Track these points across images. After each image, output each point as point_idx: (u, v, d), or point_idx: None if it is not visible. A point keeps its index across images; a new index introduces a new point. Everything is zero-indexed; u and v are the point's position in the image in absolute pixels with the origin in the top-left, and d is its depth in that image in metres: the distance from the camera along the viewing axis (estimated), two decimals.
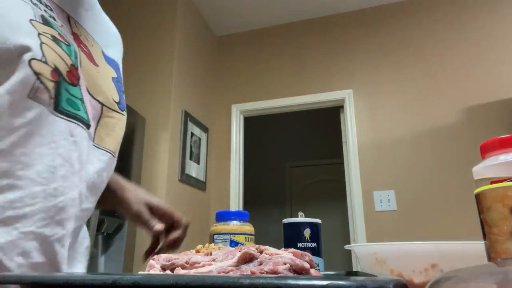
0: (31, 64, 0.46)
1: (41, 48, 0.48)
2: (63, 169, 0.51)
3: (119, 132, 0.64)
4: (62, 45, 0.52)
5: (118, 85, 0.67)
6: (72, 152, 0.52)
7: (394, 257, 0.44)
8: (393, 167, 2.67)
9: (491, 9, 2.76)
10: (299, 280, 0.22)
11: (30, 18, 0.49)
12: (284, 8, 3.13)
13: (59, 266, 0.51)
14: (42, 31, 0.49)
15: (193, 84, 2.91)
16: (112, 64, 0.68)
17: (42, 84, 0.48)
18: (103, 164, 0.60)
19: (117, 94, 0.64)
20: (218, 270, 0.34)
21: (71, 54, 0.53)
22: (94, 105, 0.57)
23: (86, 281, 0.26)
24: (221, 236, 0.68)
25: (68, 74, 0.52)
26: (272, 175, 4.71)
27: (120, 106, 0.64)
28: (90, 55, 0.60)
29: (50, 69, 0.49)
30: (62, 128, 0.51)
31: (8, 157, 0.45)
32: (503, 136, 0.36)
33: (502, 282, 0.21)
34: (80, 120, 0.54)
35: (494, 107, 2.56)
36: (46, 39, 0.49)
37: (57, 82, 0.50)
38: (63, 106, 0.51)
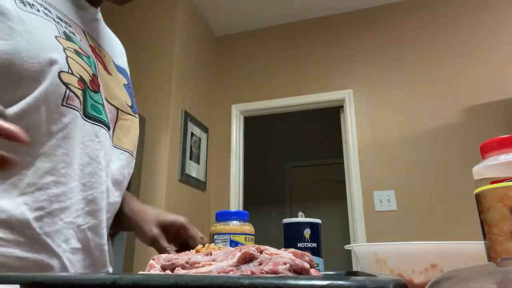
0: (60, 76, 0.53)
1: (67, 61, 0.55)
2: (90, 167, 0.58)
3: (134, 133, 0.71)
4: (83, 58, 0.59)
5: (129, 90, 0.74)
6: (98, 151, 0.60)
7: (394, 257, 0.44)
8: (393, 167, 2.67)
9: (491, 9, 2.76)
10: (299, 280, 0.22)
11: (55, 35, 0.55)
12: (284, 8, 3.13)
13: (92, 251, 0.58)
14: (66, 46, 0.56)
15: (193, 84, 2.91)
16: (122, 72, 0.76)
17: (72, 93, 0.55)
18: (122, 162, 0.67)
19: (129, 99, 0.72)
20: (218, 270, 0.34)
21: (91, 65, 0.61)
22: (110, 109, 0.65)
23: (86, 281, 0.26)
24: (221, 236, 0.68)
25: (90, 82, 0.59)
26: (272, 175, 4.71)
27: (133, 110, 0.72)
28: (104, 65, 0.68)
29: (76, 79, 0.56)
30: (89, 130, 0.58)
31: (51, 157, 0.52)
32: (503, 136, 0.36)
33: (502, 282, 0.21)
34: (102, 123, 0.61)
35: (494, 107, 2.56)
36: (70, 53, 0.56)
37: (83, 90, 0.57)
38: (88, 111, 0.58)
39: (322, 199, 4.33)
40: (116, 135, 0.66)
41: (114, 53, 0.77)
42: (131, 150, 0.70)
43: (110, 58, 0.73)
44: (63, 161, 0.53)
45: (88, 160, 0.58)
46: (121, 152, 0.67)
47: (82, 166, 0.57)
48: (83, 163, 0.57)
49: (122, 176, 0.67)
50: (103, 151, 0.60)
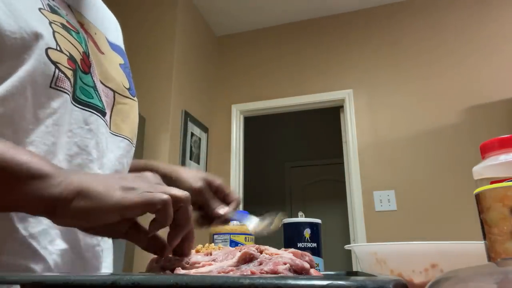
0: (48, 53, 0.46)
1: (54, 36, 0.47)
2: (79, 158, 0.51)
3: (133, 118, 0.64)
4: (72, 33, 0.52)
5: (127, 71, 0.66)
6: (89, 140, 0.53)
7: (394, 257, 0.44)
8: (393, 167, 2.67)
9: (491, 10, 2.76)
10: (299, 280, 0.22)
11: (39, 7, 0.48)
12: (284, 8, 3.13)
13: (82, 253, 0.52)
14: (52, 19, 0.49)
15: (193, 84, 2.91)
16: (117, 50, 0.67)
17: (62, 73, 0.48)
18: (122, 151, 0.61)
19: (127, 80, 0.64)
20: (218, 270, 0.34)
21: (82, 41, 0.53)
22: (106, 92, 0.58)
23: (85, 281, 0.26)
24: (221, 236, 0.68)
25: (81, 62, 0.52)
26: (272, 175, 4.71)
27: (131, 92, 0.64)
28: (95, 43, 0.60)
29: (66, 57, 0.49)
30: (77, 116, 0.51)
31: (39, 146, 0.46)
32: (503, 136, 0.36)
33: (502, 282, 0.21)
34: (94, 108, 0.54)
35: (494, 107, 2.56)
36: (57, 28, 0.49)
37: (73, 70, 0.50)
38: (77, 95, 0.51)
39: (322, 199, 4.32)
40: (113, 121, 0.59)
41: (107, 29, 0.68)
42: (131, 137, 0.64)
43: (103, 35, 0.65)
44: (51, 152, 0.47)
45: (77, 150, 0.51)
46: (120, 139, 0.61)
47: (69, 157, 0.50)
48: (71, 154, 0.50)
49: (122, 166, 0.61)
50: (94, 140, 0.54)
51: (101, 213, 0.37)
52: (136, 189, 0.38)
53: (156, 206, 0.36)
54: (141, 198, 0.37)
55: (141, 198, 0.37)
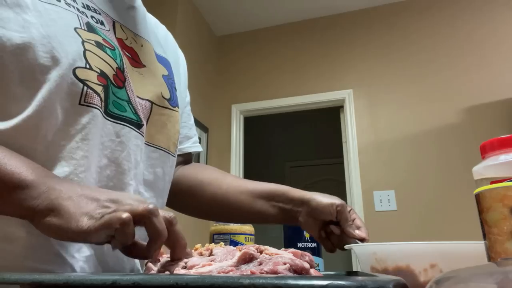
0: (75, 72, 0.48)
1: (85, 55, 0.50)
2: (108, 169, 0.53)
3: (171, 128, 0.65)
4: (107, 50, 0.53)
5: (169, 81, 0.67)
6: (119, 152, 0.54)
7: (394, 257, 0.44)
8: (393, 167, 2.67)
9: (492, 10, 2.76)
10: (299, 280, 0.22)
11: (75, 27, 0.51)
12: (284, 8, 3.13)
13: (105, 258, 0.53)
14: (86, 38, 0.51)
15: (193, 84, 2.91)
16: (163, 62, 0.69)
17: (91, 90, 0.50)
18: (153, 161, 0.61)
19: (167, 91, 0.65)
20: (218, 270, 0.34)
21: (116, 57, 0.55)
22: (143, 104, 0.59)
23: (86, 281, 0.26)
24: (221, 236, 0.68)
25: (114, 77, 0.53)
26: (272, 175, 4.70)
27: (171, 103, 0.65)
28: (135, 58, 0.61)
29: (96, 74, 0.50)
30: (109, 130, 0.53)
31: (70, 161, 0.48)
32: (503, 136, 0.36)
33: (502, 282, 0.21)
34: (126, 121, 0.55)
35: (494, 107, 2.56)
36: (90, 46, 0.51)
37: (104, 86, 0.52)
38: (110, 109, 0.53)
39: None
40: (148, 131, 0.60)
41: (156, 42, 0.70)
42: (167, 147, 0.64)
43: (151, 47, 0.67)
44: (82, 165, 0.49)
45: (107, 162, 0.53)
46: (153, 149, 0.62)
47: (99, 169, 0.52)
48: (101, 165, 0.52)
49: (153, 176, 0.62)
50: (126, 151, 0.55)
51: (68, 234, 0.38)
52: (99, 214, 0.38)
53: (113, 226, 0.37)
54: (99, 222, 0.37)
55: (100, 223, 0.37)
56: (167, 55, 0.73)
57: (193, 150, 0.81)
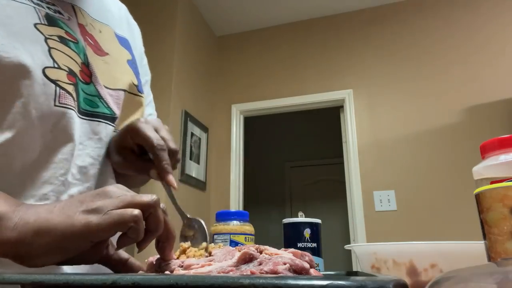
0: (45, 72, 0.46)
1: (50, 53, 0.47)
2: (93, 168, 0.52)
3: (138, 114, 0.63)
4: (70, 45, 0.51)
5: (133, 66, 0.65)
6: (100, 149, 0.53)
7: (394, 257, 0.44)
8: (393, 167, 2.67)
9: (491, 9, 2.76)
10: (299, 280, 0.22)
11: (34, 22, 0.47)
12: (284, 8, 3.13)
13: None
14: (48, 34, 0.48)
15: (193, 84, 2.91)
16: (125, 44, 0.66)
17: (63, 90, 0.48)
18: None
19: (135, 78, 0.63)
20: (218, 270, 0.34)
21: (80, 52, 0.52)
22: (117, 95, 0.57)
23: (85, 281, 0.26)
24: (221, 236, 0.68)
25: (81, 73, 0.51)
26: (272, 175, 4.71)
27: (139, 89, 0.63)
28: (97, 46, 0.58)
29: (65, 72, 0.48)
30: (85, 128, 0.51)
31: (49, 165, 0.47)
32: (503, 136, 0.36)
33: (502, 282, 0.21)
34: (101, 117, 0.54)
35: (494, 107, 2.56)
36: (54, 43, 0.48)
37: (74, 84, 0.50)
38: (82, 107, 0.51)
39: (322, 199, 4.32)
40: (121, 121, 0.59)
41: (114, 22, 0.66)
42: None
43: (110, 30, 0.63)
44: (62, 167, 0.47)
45: (91, 160, 0.52)
46: None
47: (84, 169, 0.51)
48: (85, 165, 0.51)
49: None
50: (105, 149, 0.54)
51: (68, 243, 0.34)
52: (100, 208, 0.35)
53: (128, 224, 0.34)
54: (109, 218, 0.34)
55: (110, 219, 0.34)
56: (125, 33, 0.69)
57: None
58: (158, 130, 0.51)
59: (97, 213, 0.35)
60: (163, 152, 0.49)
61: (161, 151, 0.49)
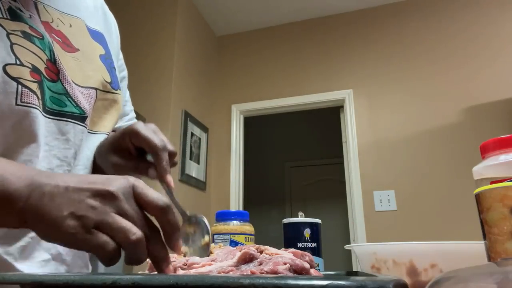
0: (6, 70, 0.43)
1: (13, 49, 0.45)
2: (60, 170, 0.50)
3: (114, 112, 0.61)
4: (35, 40, 0.48)
5: (108, 62, 0.62)
6: (67, 150, 0.51)
7: (394, 257, 0.44)
8: (393, 167, 2.67)
9: (492, 10, 2.76)
10: (299, 280, 0.22)
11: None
12: (284, 8, 3.13)
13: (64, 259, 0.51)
14: (10, 29, 0.46)
15: (193, 84, 2.91)
16: (98, 38, 0.63)
17: (26, 88, 0.45)
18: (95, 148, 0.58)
19: (107, 74, 0.60)
20: (218, 270, 0.34)
21: (45, 48, 0.50)
22: (88, 93, 0.55)
23: (85, 281, 0.26)
24: (221, 236, 0.68)
25: (46, 70, 0.49)
26: (272, 175, 4.71)
27: (113, 86, 0.60)
28: (66, 42, 0.55)
29: (28, 69, 0.46)
30: (51, 128, 0.49)
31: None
32: (503, 136, 0.36)
33: (502, 282, 0.21)
34: (68, 116, 0.51)
35: (494, 107, 2.56)
36: (17, 38, 0.46)
37: (39, 82, 0.47)
38: (48, 105, 0.49)
39: (322, 199, 4.32)
40: (92, 119, 0.56)
41: (85, 15, 0.62)
42: (109, 131, 0.60)
43: (82, 22, 0.60)
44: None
45: (58, 162, 0.50)
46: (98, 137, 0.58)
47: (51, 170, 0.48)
48: (52, 167, 0.49)
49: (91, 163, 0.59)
50: (73, 149, 0.52)
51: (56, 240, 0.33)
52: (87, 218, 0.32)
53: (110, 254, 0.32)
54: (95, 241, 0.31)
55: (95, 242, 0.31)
56: (101, 27, 0.66)
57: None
58: (156, 133, 0.51)
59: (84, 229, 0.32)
60: (164, 153, 0.50)
61: (162, 152, 0.49)
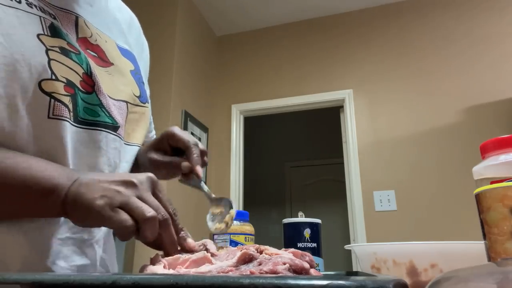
0: (41, 86, 0.46)
1: (50, 65, 0.47)
2: None
3: (143, 125, 0.66)
4: (72, 56, 0.51)
5: (137, 77, 0.66)
6: (98, 158, 0.54)
7: (394, 257, 0.44)
8: (393, 167, 2.67)
9: (491, 9, 2.76)
10: (299, 280, 0.22)
11: (38, 33, 0.48)
12: (284, 8, 3.13)
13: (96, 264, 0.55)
14: (50, 45, 0.48)
15: (193, 84, 2.91)
16: (127, 55, 0.66)
17: (58, 102, 0.48)
18: (130, 158, 0.64)
19: (137, 88, 0.64)
20: (217, 270, 0.34)
21: (82, 62, 0.53)
22: (119, 105, 0.58)
23: (86, 281, 0.26)
24: (221, 236, 0.68)
25: (81, 83, 0.52)
26: (272, 175, 4.71)
27: (141, 99, 0.65)
28: (101, 56, 0.59)
29: (63, 84, 0.49)
30: (83, 137, 0.52)
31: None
32: (503, 136, 0.36)
33: (502, 282, 0.21)
34: (102, 125, 0.54)
35: (494, 107, 2.56)
36: (55, 54, 0.48)
37: (72, 95, 0.50)
38: (81, 116, 0.51)
39: (322, 199, 4.32)
40: (126, 131, 0.60)
41: (115, 34, 0.66)
42: (140, 143, 0.66)
43: (113, 41, 0.64)
44: None
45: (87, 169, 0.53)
46: (130, 148, 0.62)
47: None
48: None
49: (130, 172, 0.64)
50: (105, 156, 0.55)
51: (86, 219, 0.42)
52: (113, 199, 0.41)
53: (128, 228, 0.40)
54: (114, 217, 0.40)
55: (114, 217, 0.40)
56: (131, 46, 0.70)
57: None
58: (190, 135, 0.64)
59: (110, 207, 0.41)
60: (196, 148, 0.62)
61: (194, 147, 0.62)
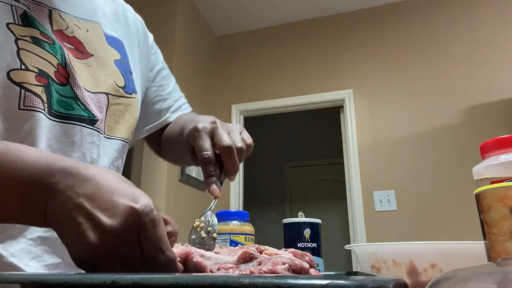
0: (10, 76, 0.44)
1: (18, 55, 0.45)
2: None
3: (129, 117, 0.62)
4: (45, 45, 0.49)
5: (123, 66, 0.63)
6: (72, 153, 0.51)
7: (394, 257, 0.44)
8: (393, 167, 2.67)
9: (491, 9, 2.76)
10: (299, 280, 0.22)
11: (7, 22, 0.46)
12: (284, 8, 3.13)
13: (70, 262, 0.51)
14: (20, 35, 0.46)
15: (193, 84, 2.91)
16: (114, 44, 0.64)
17: (30, 92, 0.46)
18: (115, 153, 0.59)
19: (121, 78, 0.61)
20: (217, 263, 0.34)
21: (57, 53, 0.50)
22: (96, 99, 0.55)
23: (85, 280, 0.26)
24: (221, 236, 0.68)
25: (56, 74, 0.49)
26: (272, 175, 4.70)
27: (126, 90, 0.61)
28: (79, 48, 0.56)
29: (34, 74, 0.47)
30: (55, 131, 0.49)
31: None
32: (503, 136, 0.36)
33: (502, 282, 0.21)
34: (76, 119, 0.52)
35: (494, 107, 2.56)
36: (25, 43, 0.46)
37: (45, 86, 0.48)
38: (54, 108, 0.49)
39: (322, 199, 4.32)
40: (107, 124, 0.57)
41: (103, 21, 0.63)
42: (126, 137, 0.61)
43: (100, 27, 0.61)
44: None
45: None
46: (114, 142, 0.59)
47: None
48: None
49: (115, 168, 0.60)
50: (79, 152, 0.52)
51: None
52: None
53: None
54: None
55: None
56: (119, 33, 0.67)
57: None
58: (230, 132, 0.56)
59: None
60: (208, 164, 0.53)
61: (206, 164, 0.53)
